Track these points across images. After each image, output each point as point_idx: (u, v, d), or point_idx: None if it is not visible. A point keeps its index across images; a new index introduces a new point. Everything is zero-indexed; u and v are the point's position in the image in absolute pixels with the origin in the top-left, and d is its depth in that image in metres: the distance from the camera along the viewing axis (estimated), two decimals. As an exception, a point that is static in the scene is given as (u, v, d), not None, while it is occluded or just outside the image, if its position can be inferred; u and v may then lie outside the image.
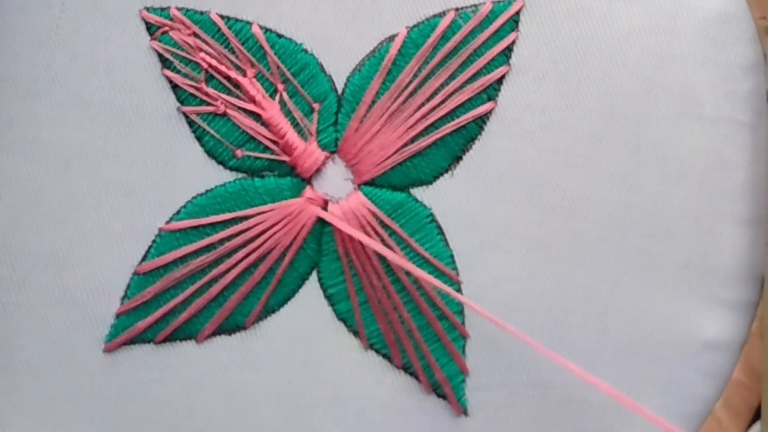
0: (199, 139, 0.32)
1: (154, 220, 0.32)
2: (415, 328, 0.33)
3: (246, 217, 0.32)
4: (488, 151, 0.32)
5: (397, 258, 0.31)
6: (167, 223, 0.32)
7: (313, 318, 0.33)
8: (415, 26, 0.32)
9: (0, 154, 0.32)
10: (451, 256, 0.33)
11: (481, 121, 0.32)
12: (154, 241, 0.32)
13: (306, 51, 0.32)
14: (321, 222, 0.32)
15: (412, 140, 0.32)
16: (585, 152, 0.32)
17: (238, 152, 0.32)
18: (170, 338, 0.32)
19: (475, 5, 0.32)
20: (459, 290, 0.33)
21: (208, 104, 0.32)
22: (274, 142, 0.32)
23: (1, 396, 0.32)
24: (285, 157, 0.32)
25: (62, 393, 0.32)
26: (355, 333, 0.33)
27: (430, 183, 0.33)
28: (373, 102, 0.32)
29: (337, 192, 0.33)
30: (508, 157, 0.32)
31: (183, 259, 0.32)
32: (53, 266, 0.32)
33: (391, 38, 0.32)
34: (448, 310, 0.33)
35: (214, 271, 0.32)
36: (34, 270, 0.32)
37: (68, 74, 0.32)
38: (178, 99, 0.32)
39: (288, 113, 0.32)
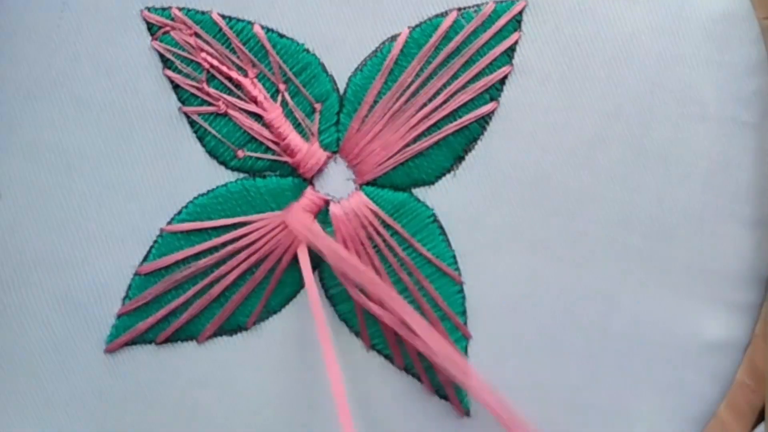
0: (200, 139, 0.32)
1: (156, 220, 0.32)
2: (417, 328, 0.33)
3: (248, 222, 0.32)
4: (491, 151, 0.32)
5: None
6: (169, 223, 0.32)
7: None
8: (417, 26, 0.32)
9: (1, 155, 0.32)
10: (454, 257, 0.33)
11: (484, 121, 0.32)
12: (155, 242, 0.32)
13: (308, 51, 0.32)
14: (322, 222, 0.32)
15: (415, 140, 0.32)
16: (588, 153, 0.32)
17: (240, 152, 0.32)
18: (171, 339, 0.32)
19: (477, 5, 0.32)
20: (461, 290, 0.33)
21: (210, 104, 0.32)
22: (276, 143, 0.32)
23: (1, 397, 0.32)
24: (286, 158, 0.32)
25: (63, 394, 0.32)
26: (357, 334, 0.33)
27: (433, 183, 0.33)
28: (375, 102, 0.32)
29: (339, 192, 0.33)
30: (511, 158, 0.32)
31: (184, 260, 0.32)
32: (54, 267, 0.32)
33: (393, 38, 0.32)
34: (450, 310, 0.33)
35: (216, 272, 0.32)
36: (35, 271, 0.32)
37: (69, 75, 0.32)
38: (180, 99, 0.32)
39: (289, 113, 0.32)
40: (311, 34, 0.32)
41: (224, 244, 0.32)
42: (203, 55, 0.32)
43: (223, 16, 0.32)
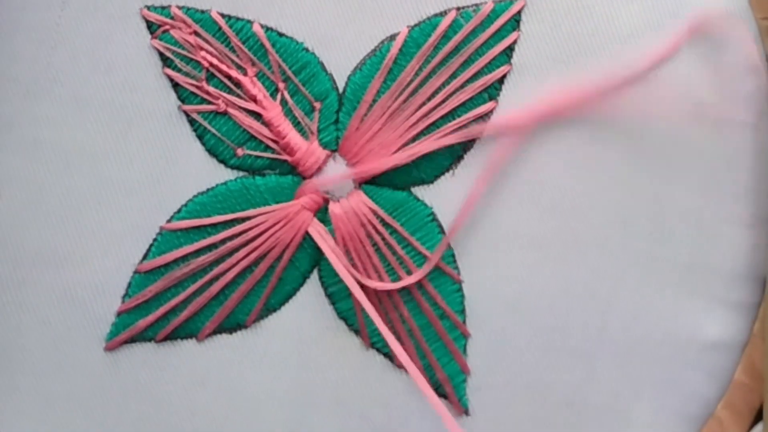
0: (200, 137, 0.32)
1: (155, 218, 0.32)
2: (415, 327, 0.33)
3: (247, 218, 0.32)
4: (489, 150, 0.32)
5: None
6: (168, 221, 0.32)
7: (314, 317, 0.33)
8: (416, 25, 0.32)
9: (0, 152, 0.32)
10: (453, 255, 0.33)
11: (483, 120, 0.32)
12: (155, 240, 0.32)
13: (307, 50, 0.32)
14: (321, 220, 0.32)
15: (414, 139, 0.32)
16: (585, 152, 0.32)
17: (239, 151, 0.32)
18: (171, 337, 0.33)
19: (476, 4, 0.32)
20: (460, 289, 0.33)
21: (209, 103, 0.32)
22: (275, 141, 0.32)
23: (1, 395, 0.32)
24: (286, 156, 0.32)
25: (63, 392, 0.32)
26: (357, 332, 0.33)
27: (432, 182, 0.33)
28: (374, 101, 0.32)
29: (338, 191, 0.33)
30: (509, 156, 0.32)
31: (184, 258, 0.32)
32: (54, 265, 0.32)
33: (392, 37, 0.32)
34: (449, 309, 0.33)
35: (215, 270, 0.32)
36: (34, 269, 0.32)
37: (69, 73, 0.32)
38: (179, 98, 0.32)
39: (289, 112, 0.32)
40: (310, 32, 0.32)
41: (223, 241, 0.32)
42: (203, 53, 0.32)
43: (223, 15, 0.32)
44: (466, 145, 0.32)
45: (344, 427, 0.33)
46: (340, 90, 0.32)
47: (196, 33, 0.32)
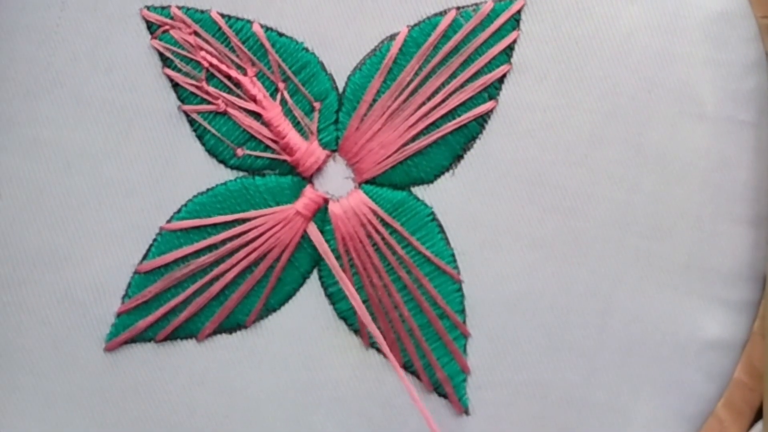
0: (199, 137, 0.32)
1: (155, 219, 0.32)
2: (415, 326, 0.33)
3: (247, 219, 0.32)
4: (489, 149, 0.32)
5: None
6: (168, 222, 0.32)
7: (313, 316, 0.33)
8: (416, 25, 0.32)
9: (0, 153, 0.32)
10: (452, 255, 0.33)
11: (483, 120, 0.32)
12: (155, 240, 0.32)
13: (307, 50, 0.32)
14: (321, 220, 0.32)
15: (413, 139, 0.32)
16: (586, 151, 0.32)
17: (239, 151, 0.32)
18: (171, 337, 0.32)
19: (476, 4, 0.32)
20: (460, 289, 0.33)
21: (209, 103, 0.32)
22: (275, 141, 0.32)
23: (1, 395, 0.32)
24: (286, 156, 0.32)
25: (63, 392, 0.32)
26: (356, 332, 0.33)
27: (431, 182, 0.33)
28: (374, 101, 0.32)
29: (338, 190, 0.33)
30: (509, 156, 0.32)
31: (184, 258, 0.32)
32: (54, 265, 0.32)
33: (392, 37, 0.32)
34: (449, 308, 0.33)
35: (215, 270, 0.32)
36: (34, 269, 0.32)
37: (69, 73, 0.32)
38: (179, 98, 0.32)
39: (289, 112, 0.32)
40: (310, 32, 0.32)
41: (223, 242, 0.32)
42: (202, 53, 0.32)
43: (223, 15, 0.32)
44: (466, 145, 0.32)
45: (344, 427, 0.33)
46: (340, 90, 0.32)
47: (195, 33, 0.32)
